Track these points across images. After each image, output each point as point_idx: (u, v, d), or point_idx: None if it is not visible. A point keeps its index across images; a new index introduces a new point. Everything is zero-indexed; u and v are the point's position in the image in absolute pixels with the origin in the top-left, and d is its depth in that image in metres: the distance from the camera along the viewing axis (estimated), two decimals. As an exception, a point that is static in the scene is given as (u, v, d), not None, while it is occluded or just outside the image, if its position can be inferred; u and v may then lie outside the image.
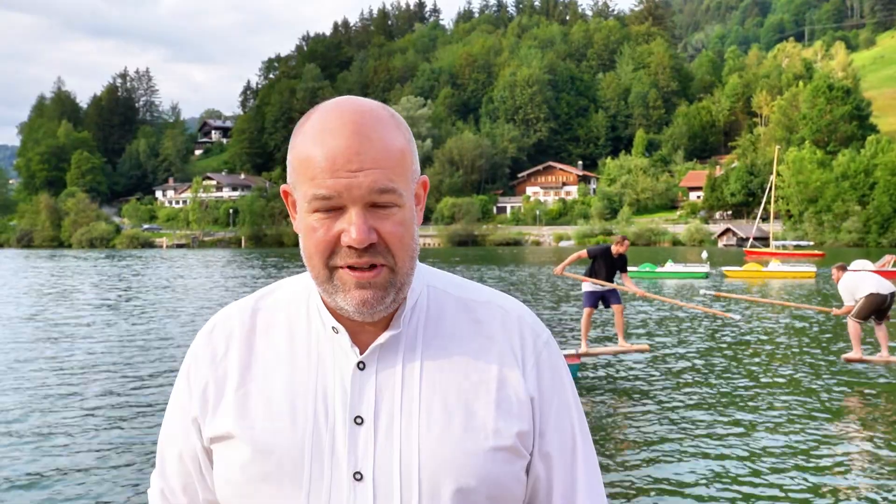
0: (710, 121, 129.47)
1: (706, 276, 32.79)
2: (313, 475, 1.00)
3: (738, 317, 13.36)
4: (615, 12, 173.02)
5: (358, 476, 1.00)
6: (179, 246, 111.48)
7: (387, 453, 1.00)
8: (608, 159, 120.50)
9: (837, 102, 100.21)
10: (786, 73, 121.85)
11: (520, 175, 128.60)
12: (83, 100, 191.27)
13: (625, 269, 11.05)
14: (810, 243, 67.37)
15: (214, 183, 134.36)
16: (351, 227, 0.96)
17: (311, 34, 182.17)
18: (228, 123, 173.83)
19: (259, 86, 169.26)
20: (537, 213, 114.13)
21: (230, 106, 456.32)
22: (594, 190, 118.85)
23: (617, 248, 10.85)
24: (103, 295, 25.51)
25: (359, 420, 1.01)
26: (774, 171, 63.30)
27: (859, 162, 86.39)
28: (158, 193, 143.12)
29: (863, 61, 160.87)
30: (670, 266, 34.28)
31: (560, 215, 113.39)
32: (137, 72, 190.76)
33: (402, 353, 1.04)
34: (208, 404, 1.07)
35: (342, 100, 1.02)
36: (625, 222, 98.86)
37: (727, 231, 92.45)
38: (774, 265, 35.08)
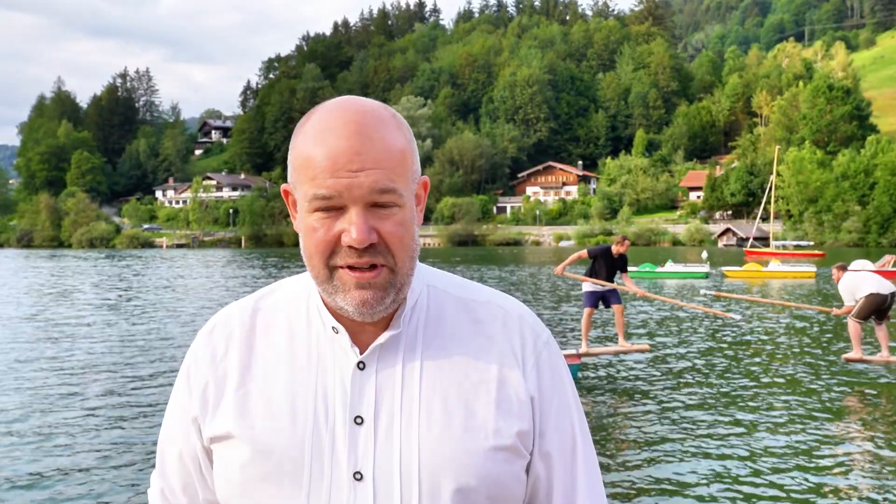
0: (710, 121, 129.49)
1: (706, 276, 32.79)
2: (313, 475, 1.00)
3: (738, 317, 13.35)
4: (615, 12, 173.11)
5: (358, 476, 1.00)
6: (179, 246, 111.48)
7: (387, 453, 1.00)
8: (608, 159, 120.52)
9: (837, 102, 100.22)
10: (786, 73, 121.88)
11: (520, 175, 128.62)
12: (83, 100, 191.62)
13: (625, 270, 11.07)
14: (810, 243, 67.33)
15: (214, 183, 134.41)
16: (351, 227, 0.96)
17: (311, 34, 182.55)
18: (228, 123, 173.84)
19: (259, 86, 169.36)
20: (537, 213, 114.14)
21: (230, 106, 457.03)
22: (594, 190, 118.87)
23: (617, 248, 10.86)
24: (103, 295, 25.50)
25: (359, 420, 1.01)
26: (774, 171, 63.33)
27: (859, 162, 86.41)
28: (158, 193, 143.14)
29: (863, 61, 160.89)
30: (670, 266, 34.26)
31: (560, 215, 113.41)
32: (137, 72, 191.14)
33: (402, 353, 1.05)
34: (208, 404, 1.07)
35: (344, 99, 1.02)
36: (625, 222, 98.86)
37: (727, 231, 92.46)
38: (774, 265, 35.07)
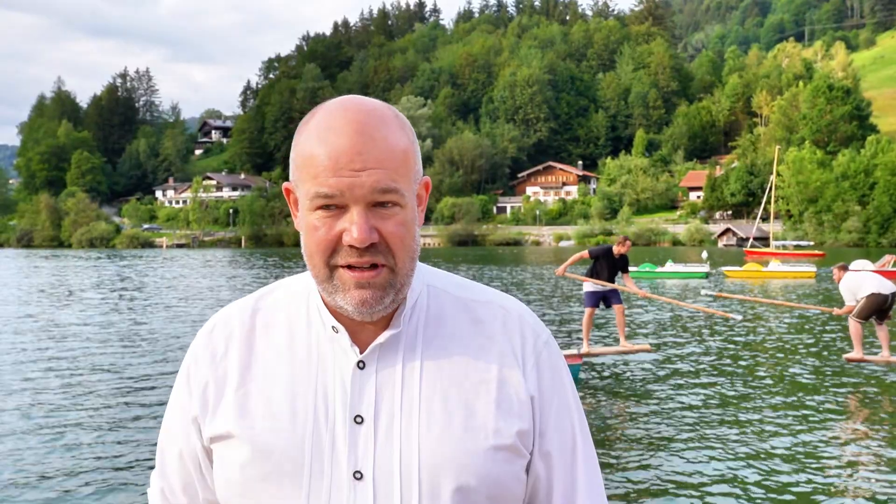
0: (710, 121, 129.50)
1: (706, 276, 32.78)
2: (313, 474, 1.00)
3: (739, 317, 13.34)
4: (615, 12, 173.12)
5: (358, 475, 1.00)
6: (179, 246, 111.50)
7: (387, 452, 1.00)
8: (608, 159, 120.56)
9: (837, 102, 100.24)
10: (786, 73, 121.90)
11: (520, 175, 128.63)
12: (83, 100, 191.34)
13: (626, 270, 11.08)
14: (810, 243, 67.31)
15: (214, 183, 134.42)
16: (352, 226, 0.96)
17: (311, 34, 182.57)
18: (228, 123, 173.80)
19: (259, 86, 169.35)
20: (537, 213, 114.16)
21: (230, 106, 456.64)
22: (594, 190, 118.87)
23: (618, 248, 10.87)
24: (104, 295, 25.49)
25: (359, 419, 1.01)
26: (774, 171, 63.34)
27: (859, 162, 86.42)
28: (158, 193, 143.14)
29: (863, 61, 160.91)
30: (670, 266, 34.26)
31: (560, 215, 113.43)
32: (137, 72, 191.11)
33: (401, 353, 1.05)
34: (208, 404, 1.07)
35: (346, 99, 1.02)
36: (625, 222, 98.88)
37: (727, 231, 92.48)
38: (774, 265, 35.07)
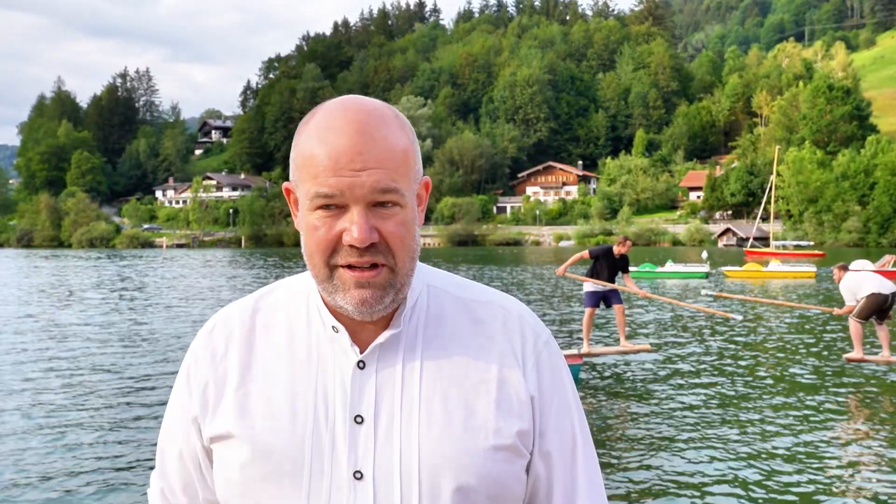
0: (710, 121, 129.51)
1: (706, 276, 32.78)
2: (313, 474, 1.00)
3: (739, 317, 13.34)
4: (615, 12, 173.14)
5: (358, 475, 1.00)
6: (179, 246, 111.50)
7: (387, 452, 1.00)
8: (608, 159, 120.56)
9: (837, 102, 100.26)
10: (786, 73, 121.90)
11: (520, 175, 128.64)
12: (83, 100, 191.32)
13: (626, 270, 11.08)
14: (810, 243, 67.32)
15: (214, 183, 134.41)
16: (353, 226, 0.97)
17: (311, 34, 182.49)
18: (228, 123, 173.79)
19: (259, 86, 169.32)
20: (537, 213, 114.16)
21: (230, 106, 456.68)
22: (594, 190, 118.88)
23: (619, 248, 10.87)
24: (104, 295, 25.49)
25: (359, 419, 1.01)
26: (774, 171, 63.35)
27: (859, 162, 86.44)
28: (158, 193, 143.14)
29: (863, 61, 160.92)
30: (670, 266, 34.26)
31: (560, 215, 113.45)
32: (137, 72, 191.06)
33: (402, 353, 1.05)
34: (208, 404, 1.07)
35: (347, 99, 1.02)
36: (625, 222, 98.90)
37: (727, 231, 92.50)
38: (774, 265, 35.07)
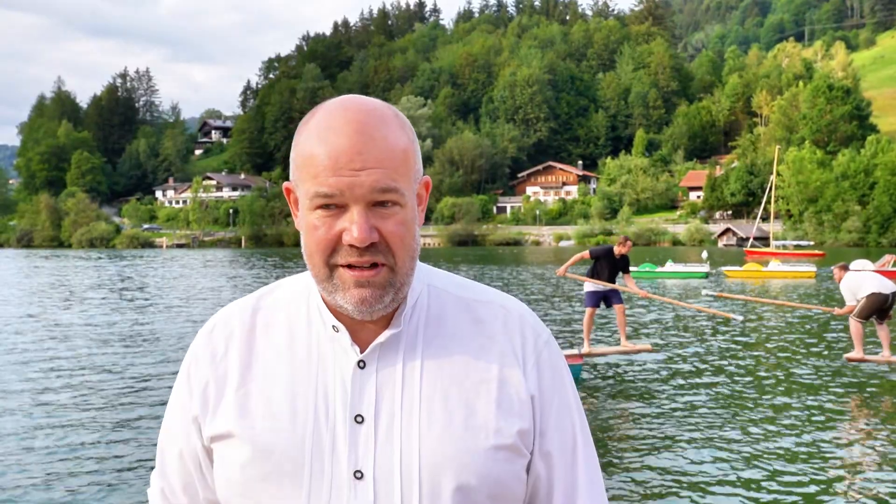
0: (710, 121, 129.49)
1: (706, 276, 32.78)
2: (314, 474, 1.00)
3: (739, 317, 13.32)
4: (615, 12, 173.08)
5: (358, 475, 1.00)
6: (179, 246, 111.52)
7: (387, 452, 1.00)
8: (608, 159, 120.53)
9: (837, 102, 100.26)
10: (786, 73, 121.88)
11: (520, 175, 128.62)
12: (83, 100, 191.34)
13: (627, 270, 11.08)
14: (810, 243, 67.33)
15: (214, 183, 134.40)
16: (352, 225, 0.97)
17: (311, 34, 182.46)
18: (228, 123, 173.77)
19: (259, 86, 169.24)
20: (537, 213, 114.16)
21: (230, 106, 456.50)
22: (594, 190, 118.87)
23: (619, 248, 10.87)
24: (104, 295, 25.50)
25: (359, 419, 1.01)
26: (774, 171, 63.38)
27: (859, 162, 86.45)
28: (158, 193, 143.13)
29: (863, 61, 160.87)
30: (670, 266, 34.27)
31: (560, 215, 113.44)
32: (137, 72, 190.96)
33: (402, 352, 1.05)
34: (209, 404, 1.07)
35: (347, 98, 1.02)
36: (625, 222, 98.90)
37: (727, 231, 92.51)
38: (774, 265, 35.07)
